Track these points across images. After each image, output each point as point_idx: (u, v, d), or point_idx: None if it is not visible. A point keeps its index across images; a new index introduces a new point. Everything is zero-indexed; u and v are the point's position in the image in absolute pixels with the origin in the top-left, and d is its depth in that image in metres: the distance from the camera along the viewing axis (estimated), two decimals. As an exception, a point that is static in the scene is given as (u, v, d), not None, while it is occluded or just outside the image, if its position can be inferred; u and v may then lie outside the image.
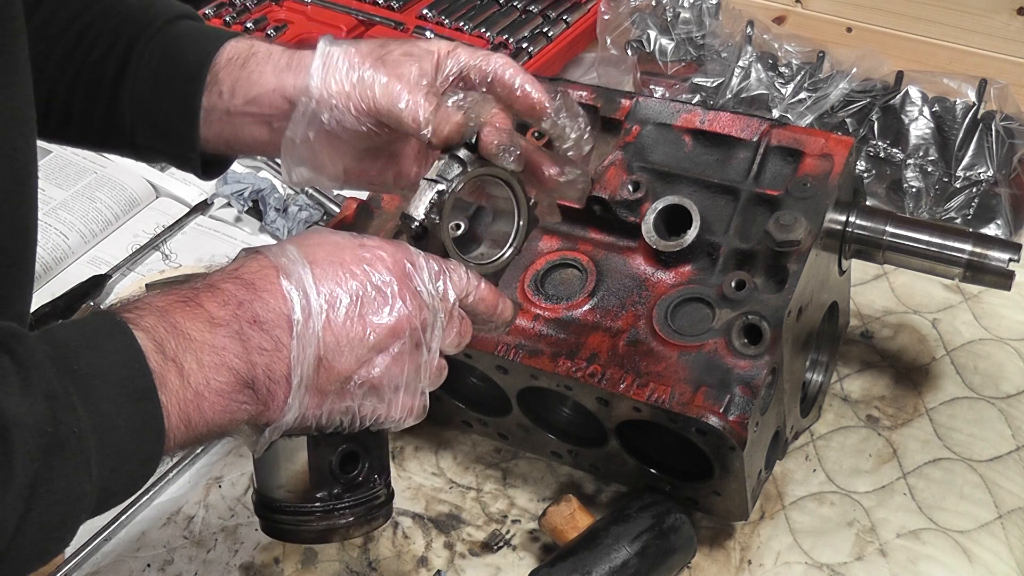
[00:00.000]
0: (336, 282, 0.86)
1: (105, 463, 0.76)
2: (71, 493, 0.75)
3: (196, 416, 0.81)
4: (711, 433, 1.06)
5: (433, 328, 0.91)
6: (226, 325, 0.82)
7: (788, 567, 1.20)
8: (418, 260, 0.91)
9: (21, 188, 0.95)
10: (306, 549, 1.24)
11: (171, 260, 1.66)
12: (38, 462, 0.72)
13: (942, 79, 1.65)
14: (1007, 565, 1.18)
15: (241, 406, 0.83)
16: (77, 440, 0.74)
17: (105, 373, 0.77)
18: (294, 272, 0.85)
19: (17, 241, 0.96)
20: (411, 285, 0.89)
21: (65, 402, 0.74)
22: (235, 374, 0.82)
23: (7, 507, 0.72)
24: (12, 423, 0.72)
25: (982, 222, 1.56)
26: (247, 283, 0.85)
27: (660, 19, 1.83)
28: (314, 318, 0.84)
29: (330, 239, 0.90)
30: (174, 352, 0.80)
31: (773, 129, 1.19)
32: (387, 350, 0.88)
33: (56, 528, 0.76)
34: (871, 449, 1.30)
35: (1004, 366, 1.36)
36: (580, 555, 1.14)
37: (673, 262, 1.16)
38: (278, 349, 0.83)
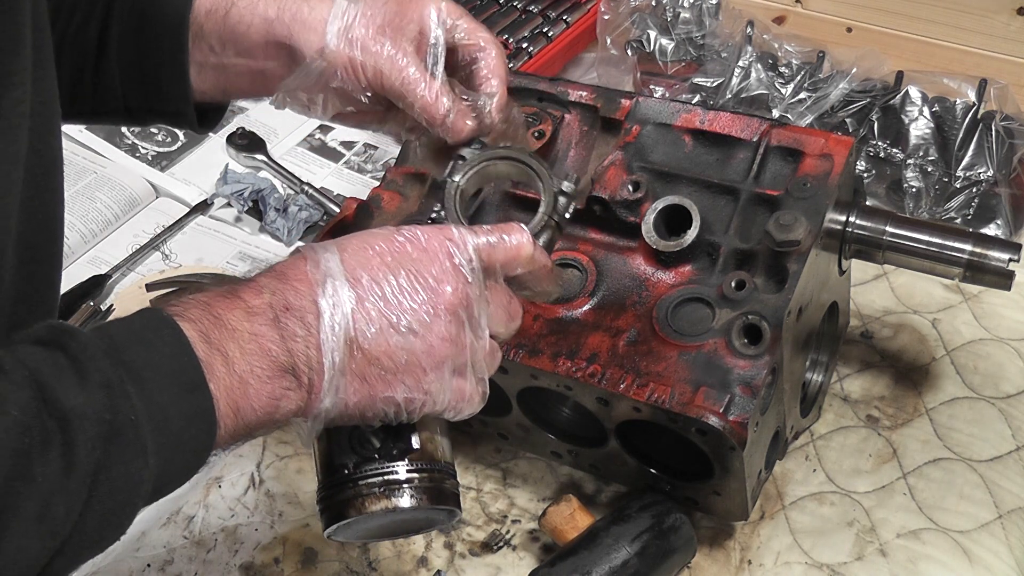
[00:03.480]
0: (365, 265, 0.86)
1: (160, 452, 0.77)
2: (130, 480, 0.76)
3: (244, 403, 0.81)
4: (711, 433, 1.06)
5: (479, 305, 0.89)
6: (262, 314, 0.83)
7: (788, 567, 1.20)
8: (458, 235, 0.89)
9: (49, 183, 0.96)
10: (306, 549, 1.24)
11: (171, 260, 1.66)
12: (99, 450, 0.74)
13: (942, 79, 1.65)
14: (1007, 565, 1.18)
15: (285, 392, 0.83)
16: (134, 428, 0.75)
17: (156, 365, 0.78)
18: (321, 259, 0.86)
19: (45, 235, 0.97)
20: (451, 261, 0.88)
21: (121, 391, 0.75)
22: (274, 360, 0.82)
23: (71, 494, 0.73)
24: (72, 413, 0.73)
25: (982, 222, 1.56)
26: (279, 273, 0.86)
27: (660, 19, 1.83)
28: (342, 300, 0.84)
29: (366, 231, 0.90)
30: (218, 341, 0.81)
31: (773, 129, 1.19)
32: (427, 330, 0.86)
33: (116, 514, 0.77)
34: (871, 449, 1.30)
35: (1004, 366, 1.36)
36: (580, 555, 1.14)
37: (673, 262, 1.16)
38: (310, 335, 0.83)
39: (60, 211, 1.00)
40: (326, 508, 0.92)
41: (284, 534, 1.27)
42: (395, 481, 0.89)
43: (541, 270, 0.95)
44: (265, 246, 1.67)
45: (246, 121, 1.89)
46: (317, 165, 1.81)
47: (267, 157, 1.79)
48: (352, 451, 0.90)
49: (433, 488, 0.91)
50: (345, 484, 0.90)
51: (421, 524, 0.97)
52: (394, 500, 0.89)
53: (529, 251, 0.92)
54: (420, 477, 0.90)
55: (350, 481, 0.89)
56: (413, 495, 0.90)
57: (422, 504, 0.90)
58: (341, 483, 0.90)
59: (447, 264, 0.88)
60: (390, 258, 0.87)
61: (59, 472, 0.72)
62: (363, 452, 0.90)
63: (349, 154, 1.83)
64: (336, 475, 0.90)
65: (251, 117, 1.90)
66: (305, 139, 1.86)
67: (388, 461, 0.89)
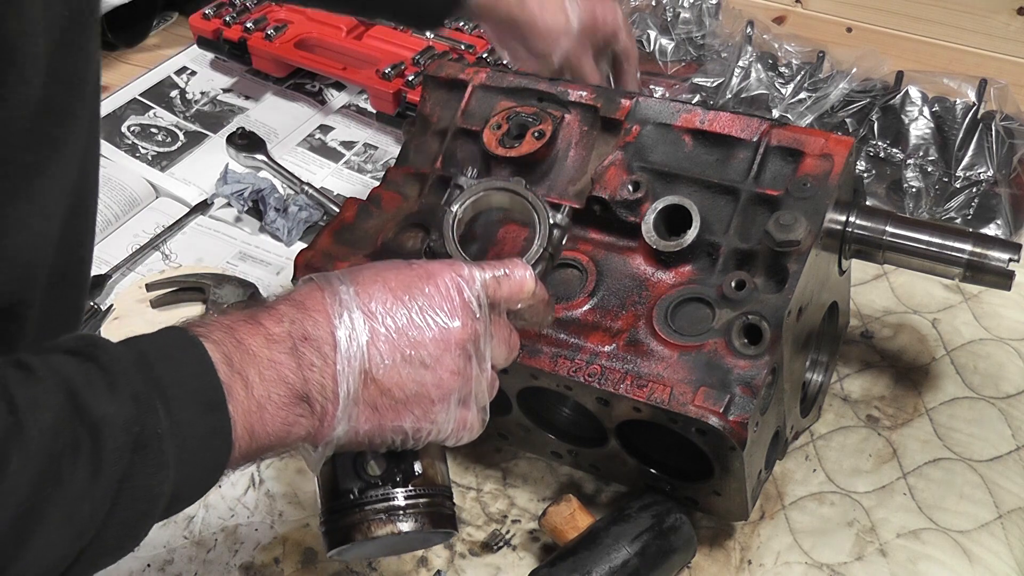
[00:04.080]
0: (379, 299, 0.88)
1: (179, 467, 0.79)
2: (151, 492, 0.78)
3: (259, 427, 0.83)
4: (711, 433, 1.06)
5: (484, 339, 0.92)
6: (281, 342, 0.85)
7: (788, 567, 1.20)
8: (468, 271, 0.92)
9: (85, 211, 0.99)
10: (306, 549, 1.24)
11: (171, 260, 1.66)
12: (125, 459, 0.75)
13: (942, 79, 1.65)
14: (1007, 565, 1.18)
15: (298, 419, 0.85)
16: (158, 441, 0.77)
17: (181, 382, 0.80)
18: (338, 291, 0.88)
19: (75, 261, 1.00)
20: (461, 297, 0.91)
21: (148, 404, 0.77)
22: (291, 388, 0.85)
23: (96, 500, 0.75)
24: (102, 421, 0.75)
25: (982, 222, 1.56)
26: (298, 303, 0.88)
27: (660, 19, 1.83)
28: (357, 333, 0.86)
29: (378, 263, 0.93)
30: (239, 365, 0.83)
31: (773, 129, 1.19)
32: (437, 363, 0.89)
33: (134, 525, 0.79)
34: (871, 449, 1.30)
35: (1004, 366, 1.36)
36: (580, 555, 1.14)
37: (673, 262, 1.16)
38: (326, 365, 0.86)
39: (91, 239, 1.03)
40: (331, 531, 0.94)
41: (284, 534, 1.27)
42: (398, 506, 0.93)
43: (540, 303, 0.98)
44: (265, 246, 1.67)
45: (246, 121, 1.89)
46: (317, 165, 1.81)
47: (267, 157, 1.79)
48: (357, 477, 0.93)
49: (434, 512, 0.95)
50: (350, 509, 0.93)
51: (417, 543, 1.01)
52: (398, 524, 0.93)
53: (531, 286, 0.95)
54: (422, 502, 0.94)
55: (355, 506, 0.93)
56: (416, 519, 0.93)
57: (424, 528, 0.94)
58: (346, 508, 0.93)
59: (457, 300, 0.90)
60: (404, 293, 0.89)
61: (86, 477, 0.74)
62: (367, 478, 0.93)
63: (349, 154, 1.83)
64: (341, 500, 0.93)
65: (251, 117, 1.90)
66: (305, 139, 1.86)
67: (392, 487, 0.93)
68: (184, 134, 1.87)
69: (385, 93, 1.82)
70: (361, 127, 1.89)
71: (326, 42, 1.94)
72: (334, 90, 1.95)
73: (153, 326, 0.85)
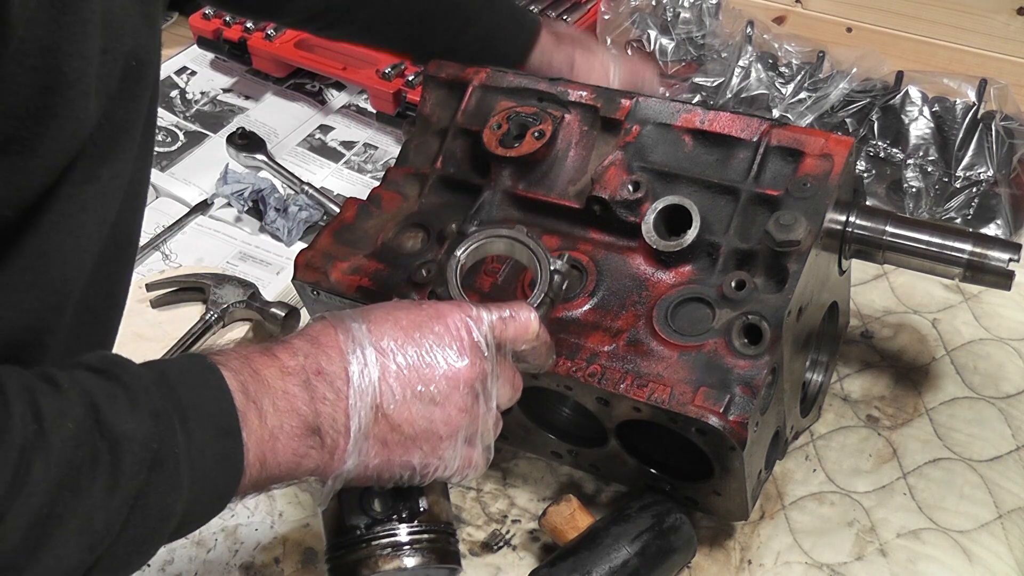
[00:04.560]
0: (391, 336, 0.90)
1: (192, 488, 0.80)
2: (164, 510, 0.79)
3: (270, 456, 0.85)
4: (711, 433, 1.06)
5: (492, 379, 0.94)
6: (295, 375, 0.87)
7: (788, 567, 1.20)
8: (476, 312, 0.94)
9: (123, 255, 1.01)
10: (306, 549, 1.24)
11: (171, 260, 1.66)
12: (142, 475, 0.77)
13: (942, 79, 1.65)
14: (1007, 565, 1.18)
15: (309, 451, 0.86)
16: (175, 461, 0.78)
17: (199, 405, 0.81)
18: (350, 328, 0.90)
19: (107, 303, 1.01)
20: (470, 337, 0.92)
21: (167, 423, 0.79)
22: (303, 420, 0.86)
23: (112, 512, 0.76)
24: (123, 436, 0.76)
25: (982, 222, 1.56)
26: (312, 338, 0.90)
27: (660, 19, 1.83)
28: (370, 368, 0.88)
29: (388, 303, 0.95)
30: (255, 394, 0.84)
31: (773, 129, 1.19)
32: (447, 400, 0.91)
33: (145, 541, 0.80)
34: (871, 449, 1.30)
35: (1004, 366, 1.36)
36: (580, 555, 1.14)
37: (673, 262, 1.16)
38: (339, 399, 0.87)
39: (127, 281, 1.05)
40: (337, 567, 0.95)
41: (284, 534, 1.27)
42: (404, 542, 0.94)
43: (542, 345, 1.00)
44: (265, 246, 1.67)
45: (246, 121, 1.89)
46: (317, 165, 1.81)
47: (267, 157, 1.79)
48: (363, 513, 0.94)
49: (439, 548, 0.96)
50: (357, 545, 0.94)
51: None
52: (404, 560, 0.94)
53: (536, 328, 0.98)
54: (427, 538, 0.95)
55: (362, 541, 0.94)
56: (421, 554, 0.95)
57: (430, 563, 0.95)
58: (353, 544, 0.94)
59: (467, 339, 0.92)
60: (415, 331, 0.91)
61: (104, 489, 0.75)
62: (373, 514, 0.94)
63: (349, 154, 1.83)
64: (348, 535, 0.94)
65: (251, 117, 1.90)
66: (305, 139, 1.86)
67: (397, 523, 0.94)
68: (184, 134, 1.87)
69: (385, 93, 1.82)
70: (361, 127, 1.89)
71: (326, 42, 1.94)
72: (334, 90, 1.96)
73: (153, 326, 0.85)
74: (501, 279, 1.19)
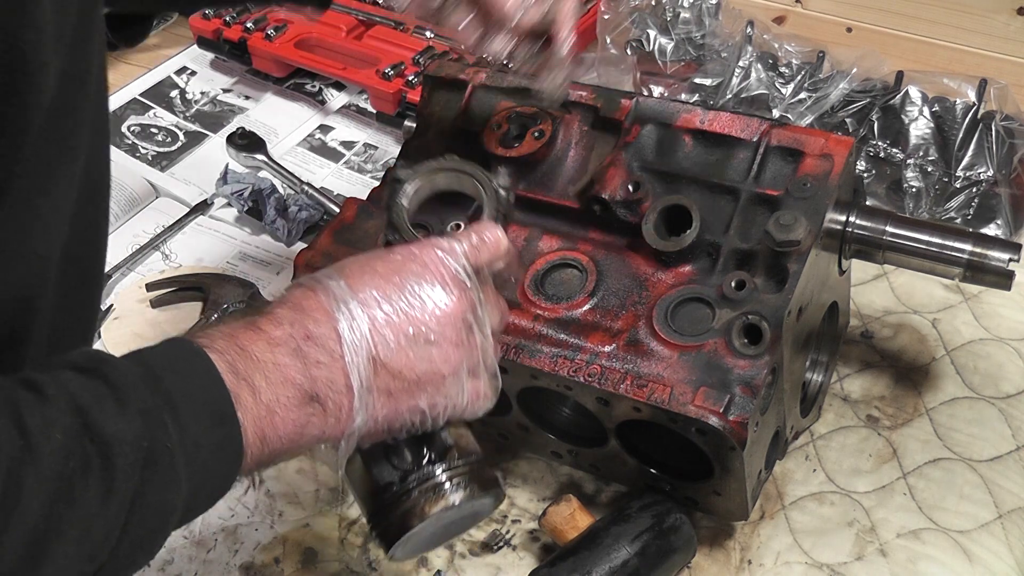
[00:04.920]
0: (372, 286, 0.89)
1: (191, 480, 0.79)
2: (164, 507, 0.78)
3: (270, 432, 0.84)
4: (711, 433, 1.06)
5: (480, 306, 0.93)
6: (284, 344, 0.86)
7: (788, 567, 1.20)
8: (448, 244, 0.93)
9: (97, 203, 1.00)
10: (306, 549, 1.24)
11: (171, 260, 1.66)
12: (136, 476, 0.76)
13: (942, 79, 1.65)
14: (1007, 565, 1.18)
15: (309, 419, 0.86)
16: (169, 456, 0.78)
17: (189, 395, 0.80)
18: (331, 287, 0.89)
19: (89, 251, 1.00)
20: (449, 271, 0.91)
21: (158, 419, 0.78)
22: (299, 388, 0.85)
23: (110, 518, 0.75)
24: (113, 439, 0.75)
25: (982, 222, 1.56)
26: (294, 304, 0.89)
27: (660, 19, 1.83)
28: (358, 322, 0.87)
29: (360, 255, 0.94)
30: (245, 372, 0.83)
31: (773, 129, 1.19)
32: (442, 338, 0.90)
33: (148, 540, 0.79)
34: (871, 449, 1.30)
35: (1004, 366, 1.36)
36: (580, 555, 1.14)
37: (673, 262, 1.16)
38: (334, 360, 0.86)
39: (104, 229, 1.04)
40: (387, 527, 0.94)
41: (284, 534, 1.27)
42: (443, 481, 0.94)
43: (514, 259, 0.99)
44: (265, 246, 1.67)
45: (246, 121, 1.89)
46: (317, 165, 1.81)
47: (267, 157, 1.79)
48: (393, 468, 0.94)
49: (479, 477, 0.96)
50: (399, 499, 0.93)
51: (468, 520, 1.01)
52: (450, 498, 0.93)
53: (506, 244, 0.97)
54: (465, 470, 0.95)
55: (403, 494, 0.93)
56: (464, 488, 0.94)
57: (475, 494, 0.95)
58: (394, 500, 0.94)
59: (446, 274, 0.92)
60: (394, 276, 0.90)
61: (99, 497, 0.74)
62: (403, 465, 0.94)
63: (349, 154, 1.83)
64: (386, 494, 0.94)
65: (251, 117, 1.90)
66: (305, 139, 1.86)
67: (430, 465, 0.94)
68: (184, 134, 1.87)
69: (385, 93, 1.82)
70: (361, 127, 1.89)
71: (326, 42, 1.94)
72: (334, 90, 1.95)
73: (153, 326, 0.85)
74: (501, 279, 1.19)
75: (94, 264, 1.03)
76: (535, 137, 1.23)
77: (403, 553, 0.97)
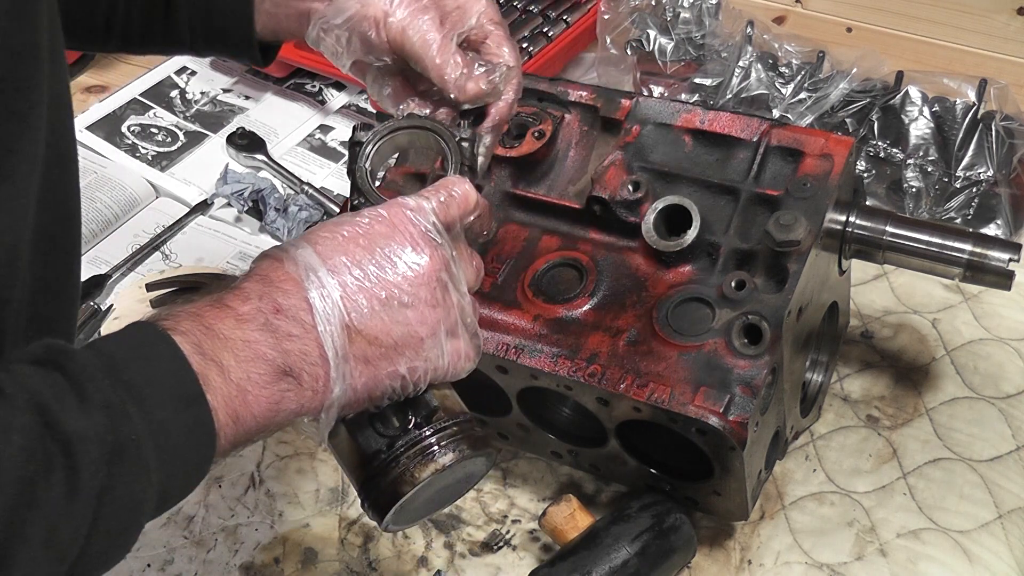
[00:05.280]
0: (340, 251, 0.87)
1: (162, 468, 0.78)
2: (134, 499, 0.77)
3: (243, 411, 0.82)
4: (711, 433, 1.06)
5: (454, 264, 0.91)
6: (252, 320, 0.84)
7: (788, 567, 1.20)
8: (415, 203, 0.92)
9: (64, 176, 0.97)
10: (306, 549, 1.24)
11: (171, 260, 1.66)
12: (102, 472, 0.74)
13: (942, 79, 1.65)
14: (1007, 565, 1.18)
15: (284, 394, 0.84)
16: (136, 447, 0.76)
17: (155, 382, 0.78)
18: (299, 256, 0.87)
19: (62, 227, 0.98)
20: (418, 230, 0.90)
21: (121, 411, 0.76)
22: (271, 364, 0.83)
23: (76, 518, 0.73)
24: (74, 436, 0.73)
25: (982, 222, 1.56)
26: (262, 277, 0.87)
27: (660, 19, 1.83)
28: (329, 290, 0.85)
29: (327, 222, 0.92)
30: (212, 352, 0.81)
31: (773, 129, 1.19)
32: (416, 299, 0.88)
33: (121, 534, 0.78)
34: (871, 449, 1.30)
35: (1004, 366, 1.36)
36: (580, 555, 1.14)
37: (673, 262, 1.16)
38: (306, 331, 0.84)
39: (76, 202, 1.01)
40: (378, 496, 0.92)
41: (284, 534, 1.27)
42: (432, 443, 0.91)
43: (484, 210, 0.97)
44: (265, 246, 1.66)
45: (246, 121, 1.89)
46: (317, 165, 1.81)
47: (267, 157, 1.79)
48: (379, 435, 0.92)
49: (469, 437, 0.93)
50: (388, 466, 0.91)
51: (463, 483, 0.98)
52: (440, 460, 0.91)
53: (475, 197, 0.95)
54: (452, 432, 0.92)
55: (391, 460, 0.91)
56: (453, 449, 0.91)
57: (465, 454, 0.92)
58: (383, 468, 0.91)
59: (416, 233, 0.90)
60: (362, 239, 0.88)
61: (63, 497, 0.72)
62: (389, 432, 0.91)
63: (349, 154, 1.83)
64: (375, 463, 0.91)
65: (251, 117, 1.90)
66: (305, 139, 1.86)
67: (417, 429, 0.91)
68: (184, 134, 1.87)
69: (385, 93, 1.82)
70: (361, 127, 1.88)
71: (326, 42, 1.94)
72: (334, 90, 1.95)
73: (154, 326, 0.83)
74: (501, 279, 1.19)
75: (69, 242, 1.00)
76: (535, 137, 1.23)
77: (397, 523, 0.94)
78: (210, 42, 1.20)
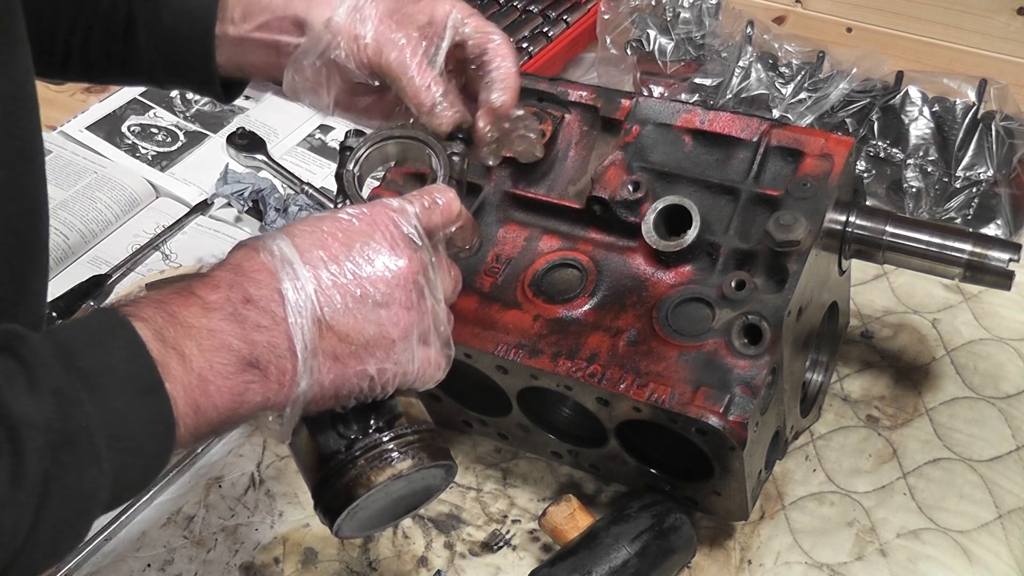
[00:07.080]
0: (318, 246, 0.87)
1: (116, 457, 0.76)
2: (84, 488, 0.75)
3: (204, 401, 0.80)
4: (711, 433, 1.06)
5: (432, 269, 0.91)
6: (219, 309, 0.82)
7: (788, 567, 1.20)
8: (399, 205, 0.91)
9: (28, 166, 0.96)
10: (306, 549, 1.24)
11: (171, 260, 1.66)
12: (48, 459, 0.72)
13: (942, 79, 1.65)
14: (1007, 565, 1.18)
15: (248, 386, 0.82)
16: (87, 435, 0.74)
17: (111, 369, 0.77)
18: (275, 247, 0.86)
19: (27, 218, 0.97)
20: (399, 232, 0.89)
21: (72, 398, 0.74)
22: (236, 354, 0.82)
23: (20, 504, 0.72)
24: (20, 422, 0.72)
25: (982, 222, 1.56)
26: (234, 267, 0.86)
27: (660, 19, 1.83)
28: (303, 282, 0.84)
29: (309, 217, 0.91)
30: (173, 339, 0.80)
31: (773, 129, 1.19)
32: (391, 300, 0.87)
33: (70, 524, 0.76)
34: (871, 449, 1.30)
35: (1004, 366, 1.36)
36: (580, 555, 1.14)
37: (673, 262, 1.16)
38: (276, 323, 0.83)
39: (43, 193, 1.00)
40: (331, 498, 0.90)
41: (284, 534, 1.27)
42: (390, 449, 0.90)
43: (468, 223, 0.97)
44: (265, 246, 1.67)
45: (246, 121, 1.89)
46: (317, 165, 1.81)
47: (267, 157, 1.79)
48: (340, 436, 0.90)
49: (428, 446, 0.92)
50: (343, 468, 0.89)
51: (420, 495, 0.96)
52: (397, 466, 0.89)
53: (458, 206, 0.95)
54: (412, 439, 0.91)
55: (348, 462, 0.89)
56: (412, 456, 0.90)
57: (423, 463, 0.91)
58: (339, 469, 0.89)
59: (396, 233, 0.89)
60: (341, 235, 0.88)
61: (6, 483, 0.71)
62: (350, 433, 0.90)
63: (349, 154, 1.83)
64: (331, 463, 0.90)
65: (251, 117, 1.90)
66: (305, 139, 1.86)
67: (378, 433, 0.90)
68: (184, 134, 1.87)
69: (385, 93, 1.82)
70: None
71: (326, 42, 1.94)
72: (334, 90, 1.95)
73: (154, 326, 0.83)
74: (501, 279, 1.19)
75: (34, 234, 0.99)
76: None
77: (350, 529, 0.93)
78: (170, 73, 1.17)
